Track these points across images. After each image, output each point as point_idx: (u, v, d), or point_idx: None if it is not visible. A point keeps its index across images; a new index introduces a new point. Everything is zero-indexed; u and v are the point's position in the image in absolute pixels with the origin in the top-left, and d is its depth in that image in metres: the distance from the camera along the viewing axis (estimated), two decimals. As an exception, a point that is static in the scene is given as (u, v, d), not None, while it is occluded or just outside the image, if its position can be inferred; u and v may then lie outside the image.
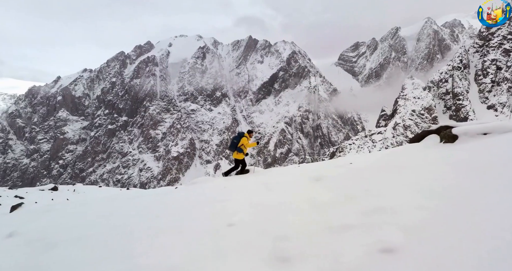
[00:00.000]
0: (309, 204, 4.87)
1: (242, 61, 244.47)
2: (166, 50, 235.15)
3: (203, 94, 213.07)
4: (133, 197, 8.80)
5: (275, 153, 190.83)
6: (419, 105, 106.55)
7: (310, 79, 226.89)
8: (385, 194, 4.71)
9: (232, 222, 4.63)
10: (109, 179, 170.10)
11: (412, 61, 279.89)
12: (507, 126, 7.79)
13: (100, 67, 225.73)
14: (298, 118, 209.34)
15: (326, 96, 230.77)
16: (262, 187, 7.06)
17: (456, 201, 3.93)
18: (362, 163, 8.30)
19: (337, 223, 3.90)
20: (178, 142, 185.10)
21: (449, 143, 8.45)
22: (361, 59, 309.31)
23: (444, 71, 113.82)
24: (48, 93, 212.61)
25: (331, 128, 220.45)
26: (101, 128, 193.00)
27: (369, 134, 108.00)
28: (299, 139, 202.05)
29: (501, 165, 4.96)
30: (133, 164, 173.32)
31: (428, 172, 5.54)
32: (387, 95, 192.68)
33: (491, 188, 4.11)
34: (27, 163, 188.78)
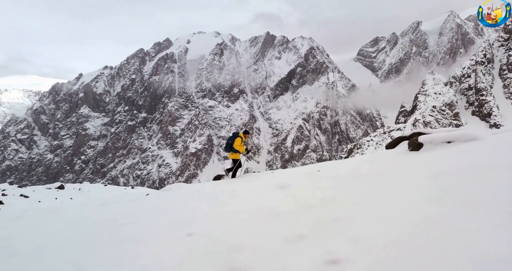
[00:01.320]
0: (270, 213, 4.93)
1: (259, 57, 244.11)
2: (184, 47, 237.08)
3: (221, 91, 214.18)
4: (106, 203, 8.91)
5: (293, 149, 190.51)
6: (440, 101, 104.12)
7: (328, 75, 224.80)
8: (343, 203, 4.83)
9: (192, 232, 4.68)
10: (129, 175, 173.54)
11: (434, 56, 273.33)
12: (471, 134, 7.92)
13: (120, 64, 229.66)
14: (315, 115, 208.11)
15: (344, 92, 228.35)
16: (229, 195, 7.20)
17: (406, 211, 3.99)
18: (330, 171, 8.48)
19: (292, 233, 3.95)
20: (196, 138, 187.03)
21: (415, 151, 8.62)
22: (381, 54, 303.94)
23: (467, 65, 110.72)
24: (71, 90, 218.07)
25: (350, 124, 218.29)
26: (121, 124, 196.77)
27: (388, 131, 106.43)
28: (317, 135, 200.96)
29: (455, 174, 5.12)
30: (152, 160, 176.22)
31: (388, 181, 5.69)
32: (407, 91, 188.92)
33: (443, 198, 4.21)
34: (51, 159, 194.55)
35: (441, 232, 3.27)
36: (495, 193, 3.97)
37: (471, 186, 4.36)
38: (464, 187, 4.41)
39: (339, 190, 5.66)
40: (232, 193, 7.30)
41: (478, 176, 4.68)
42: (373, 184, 5.65)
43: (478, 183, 4.43)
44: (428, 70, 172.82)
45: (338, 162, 11.36)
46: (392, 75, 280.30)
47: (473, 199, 3.94)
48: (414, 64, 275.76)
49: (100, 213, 7.48)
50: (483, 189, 4.19)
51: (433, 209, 3.86)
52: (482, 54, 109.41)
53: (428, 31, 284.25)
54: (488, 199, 3.84)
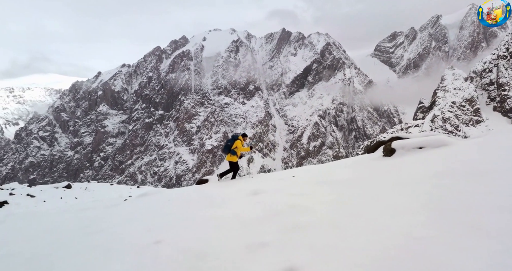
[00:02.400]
0: (238, 220, 5.01)
1: (275, 54, 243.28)
2: (200, 44, 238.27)
3: (236, 88, 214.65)
4: (84, 209, 9.09)
5: (309, 146, 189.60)
6: (459, 97, 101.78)
7: (345, 71, 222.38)
8: (309, 211, 4.91)
9: (160, 239, 4.73)
10: (147, 172, 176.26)
11: (454, 50, 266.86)
12: (441, 140, 8.06)
13: (137, 62, 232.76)
14: (332, 111, 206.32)
15: (361, 88, 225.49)
16: (203, 201, 7.32)
17: (369, 218, 4.04)
18: (304, 176, 8.59)
19: (256, 240, 4.01)
20: (212, 135, 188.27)
21: (388, 157, 8.81)
22: (399, 50, 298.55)
23: (488, 60, 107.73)
24: (90, 88, 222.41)
25: (366, 121, 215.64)
26: (138, 121, 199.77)
27: (406, 127, 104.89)
28: (333, 132, 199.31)
29: (418, 180, 5.27)
30: (169, 157, 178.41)
31: (355, 188, 5.80)
32: (426, 86, 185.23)
33: (406, 206, 4.28)
34: (71, 156, 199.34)
35: (401, 240, 3.34)
36: (450, 201, 4.09)
37: (429, 193, 4.53)
38: (423, 194, 4.56)
39: (308, 197, 5.75)
40: (206, 199, 7.45)
41: (436, 182, 4.86)
42: (341, 191, 5.77)
43: (436, 189, 4.60)
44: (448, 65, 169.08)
45: (314, 167, 11.50)
46: (410, 71, 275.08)
47: (430, 206, 4.03)
48: (433, 59, 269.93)
49: (76, 219, 7.63)
50: (438, 197, 4.34)
51: (393, 218, 3.92)
52: (504, 48, 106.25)
53: (448, 25, 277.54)
54: (444, 206, 3.96)
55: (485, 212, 3.59)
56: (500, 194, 3.98)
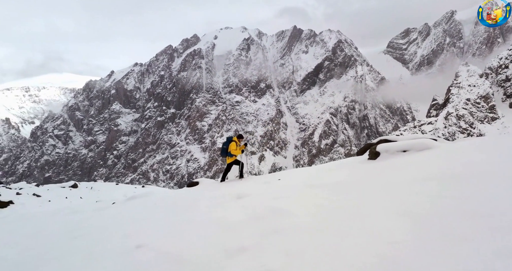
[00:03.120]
0: (219, 224, 5.07)
1: (286, 52, 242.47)
2: (212, 42, 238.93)
3: (248, 86, 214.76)
4: (74, 212, 9.17)
5: (320, 144, 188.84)
6: (474, 94, 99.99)
7: (357, 68, 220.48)
8: (290, 214, 4.94)
9: (141, 243, 4.78)
10: (159, 170, 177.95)
11: (469, 46, 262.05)
12: (424, 143, 8.13)
13: (149, 61, 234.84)
14: (343, 109, 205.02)
15: (373, 85, 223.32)
16: (188, 205, 7.41)
17: (346, 225, 4.07)
18: (289, 180, 8.61)
19: (236, 245, 4.05)
20: (223, 133, 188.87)
21: (372, 160, 8.90)
22: (412, 46, 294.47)
23: (505, 56, 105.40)
24: (103, 87, 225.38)
25: (379, 118, 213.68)
26: (151, 120, 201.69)
27: (419, 125, 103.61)
28: (345, 130, 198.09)
29: (397, 185, 5.36)
30: (181, 155, 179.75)
31: (337, 192, 5.84)
32: (439, 83, 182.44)
33: (385, 212, 4.31)
34: (86, 154, 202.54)
35: (376, 245, 3.38)
36: (425, 206, 4.15)
37: (405, 198, 4.60)
38: (399, 199, 4.64)
39: (290, 201, 5.80)
40: (191, 203, 7.55)
41: (412, 187, 4.95)
42: (322, 195, 5.81)
43: (412, 194, 4.67)
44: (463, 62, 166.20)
45: (300, 170, 11.59)
46: (424, 67, 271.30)
47: (405, 212, 4.09)
48: (447, 55, 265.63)
49: (62, 223, 7.73)
50: (413, 202, 4.40)
51: (370, 223, 3.95)
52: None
53: (463, 21, 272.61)
54: (419, 212, 4.02)
55: (458, 217, 3.63)
56: (474, 199, 4.03)
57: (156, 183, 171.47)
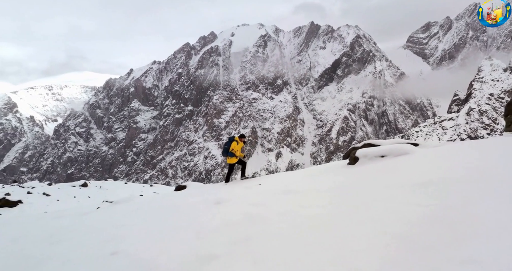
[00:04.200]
0: (194, 231, 5.12)
1: (303, 48, 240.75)
2: (229, 39, 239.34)
3: (265, 83, 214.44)
4: (59, 216, 9.28)
5: (338, 141, 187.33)
6: (498, 88, 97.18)
7: (375, 64, 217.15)
8: (264, 221, 4.99)
9: (117, 250, 4.83)
10: (177, 167, 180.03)
11: (493, 39, 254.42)
12: (402, 149, 8.24)
13: (167, 59, 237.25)
14: (362, 105, 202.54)
15: (392, 81, 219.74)
16: (168, 211, 7.47)
17: (318, 233, 4.09)
18: (269, 185, 8.63)
19: (207, 252, 4.11)
20: (240, 130, 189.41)
21: (351, 165, 9.04)
22: (433, 40, 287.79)
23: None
24: (122, 85, 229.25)
25: (398, 114, 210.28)
26: (169, 117, 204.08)
27: (439, 121, 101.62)
28: (363, 126, 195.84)
29: (366, 191, 5.46)
30: (198, 152, 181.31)
31: (310, 198, 5.91)
32: (461, 78, 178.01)
33: (350, 220, 4.37)
34: (106, 151, 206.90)
35: (343, 255, 3.40)
36: (387, 213, 4.23)
37: (369, 205, 4.68)
38: (365, 205, 4.74)
39: (266, 207, 5.85)
40: (172, 208, 7.66)
41: (384, 196, 5.02)
42: (297, 201, 5.87)
43: (382, 202, 4.73)
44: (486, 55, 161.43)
45: (284, 174, 11.59)
46: (445, 62, 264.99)
47: (368, 218, 4.17)
48: (470, 49, 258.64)
49: (45, 228, 7.83)
50: (375, 209, 4.50)
51: (337, 230, 4.00)
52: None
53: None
54: (379, 218, 4.10)
55: (419, 224, 3.67)
56: (437, 206, 4.05)
57: (175, 180, 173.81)
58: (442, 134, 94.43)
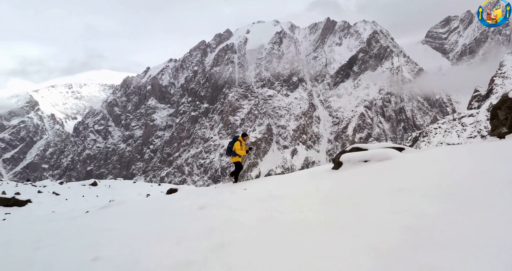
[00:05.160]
0: (175, 236, 5.15)
1: (319, 44, 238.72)
2: (244, 37, 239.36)
3: (280, 80, 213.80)
4: (49, 220, 9.41)
5: (354, 138, 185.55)
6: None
7: (393, 60, 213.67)
8: (242, 227, 5.02)
9: (98, 256, 4.88)
10: (193, 164, 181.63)
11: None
12: (385, 154, 8.26)
13: (183, 57, 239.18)
14: (379, 101, 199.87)
15: (410, 77, 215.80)
16: (153, 215, 7.50)
17: (295, 239, 4.11)
18: (255, 190, 8.62)
19: (185, 258, 4.15)
20: (255, 127, 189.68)
21: (335, 170, 9.11)
22: (453, 35, 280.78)
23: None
24: (139, 83, 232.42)
25: (416, 111, 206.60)
26: (185, 115, 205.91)
27: (458, 117, 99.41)
28: (380, 123, 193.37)
29: (345, 197, 5.55)
30: (214, 149, 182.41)
31: (290, 204, 5.93)
32: (482, 73, 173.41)
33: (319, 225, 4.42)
34: (124, 148, 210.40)
35: (310, 258, 3.49)
36: (355, 219, 4.32)
37: (347, 212, 4.72)
38: (342, 212, 4.80)
39: (247, 213, 5.89)
40: (157, 213, 7.70)
41: (358, 201, 5.11)
42: (277, 207, 5.89)
43: (355, 208, 4.82)
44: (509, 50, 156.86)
45: (271, 178, 11.68)
46: (466, 57, 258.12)
47: (337, 224, 4.27)
48: (491, 43, 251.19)
49: (34, 232, 7.93)
50: (345, 214, 4.60)
51: (318, 238, 4.03)
52: None
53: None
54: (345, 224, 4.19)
55: (391, 231, 3.71)
56: (410, 213, 4.09)
57: (191, 177, 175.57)
58: (462, 131, 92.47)
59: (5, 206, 17.69)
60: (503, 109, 9.34)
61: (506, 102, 9.23)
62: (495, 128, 9.72)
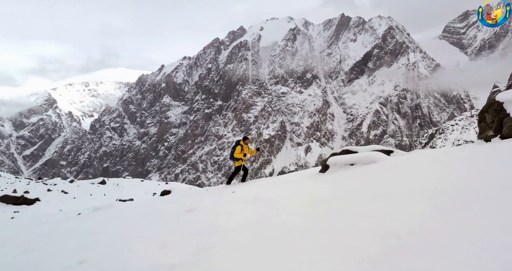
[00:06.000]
0: (160, 240, 5.17)
1: (333, 41, 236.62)
2: (258, 34, 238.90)
3: (294, 77, 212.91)
4: (42, 222, 9.49)
5: (369, 135, 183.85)
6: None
7: (409, 56, 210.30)
8: (225, 231, 5.04)
9: (84, 259, 4.90)
10: (207, 161, 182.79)
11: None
12: (370, 157, 8.39)
13: (197, 54, 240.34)
14: (394, 98, 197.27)
15: (427, 73, 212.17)
16: (141, 218, 7.54)
17: (274, 243, 4.15)
18: (242, 192, 8.61)
19: (167, 262, 4.18)
20: (269, 125, 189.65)
21: (322, 173, 9.21)
22: (471, 30, 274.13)
23: None
24: (154, 81, 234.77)
25: (433, 107, 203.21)
26: (199, 112, 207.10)
27: (476, 114, 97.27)
28: (395, 120, 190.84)
29: (322, 202, 5.63)
30: (228, 147, 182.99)
31: (276, 206, 5.97)
32: (502, 68, 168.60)
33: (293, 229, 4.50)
34: (139, 145, 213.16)
35: (288, 263, 3.52)
36: (331, 224, 4.39)
37: (328, 216, 4.80)
38: (322, 216, 4.89)
39: (231, 216, 5.92)
40: (145, 216, 7.76)
41: (339, 205, 5.19)
42: (261, 210, 5.93)
43: (335, 212, 4.89)
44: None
45: (258, 181, 11.72)
46: (485, 52, 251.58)
47: (310, 228, 4.35)
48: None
49: (25, 235, 7.99)
50: (323, 218, 4.67)
51: (294, 241, 4.09)
52: None
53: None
54: (320, 228, 4.26)
55: (366, 236, 3.72)
56: (387, 217, 4.12)
57: (205, 174, 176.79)
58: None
59: (15, 204, 18.28)
60: (490, 112, 9.37)
61: (493, 105, 9.22)
62: (482, 131, 9.82)
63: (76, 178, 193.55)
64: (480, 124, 10.04)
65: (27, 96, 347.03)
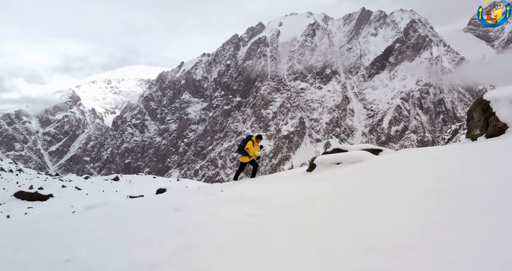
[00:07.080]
0: (144, 239, 5.20)
1: (353, 35, 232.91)
2: (277, 30, 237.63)
3: (313, 72, 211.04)
4: (37, 220, 9.63)
5: (390, 131, 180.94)
6: None
7: (432, 50, 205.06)
8: (209, 231, 5.04)
9: (71, 257, 4.98)
10: (226, 157, 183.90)
11: None
12: (356, 156, 8.38)
13: (216, 51, 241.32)
14: (416, 93, 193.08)
15: (451, 67, 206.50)
16: (132, 217, 7.57)
17: (255, 243, 4.16)
18: (230, 192, 8.59)
19: (149, 261, 4.22)
20: (288, 121, 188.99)
21: (309, 172, 9.16)
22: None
23: None
24: (174, 78, 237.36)
25: (457, 102, 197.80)
26: (218, 108, 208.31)
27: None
28: (417, 115, 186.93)
29: (307, 202, 5.61)
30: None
31: (261, 208, 5.94)
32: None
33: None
34: (159, 141, 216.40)
35: (264, 262, 3.56)
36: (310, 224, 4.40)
37: (306, 216, 4.81)
38: (300, 216, 4.92)
39: (216, 215, 5.92)
40: (135, 215, 7.82)
41: (319, 205, 5.20)
42: (245, 210, 5.94)
43: (313, 212, 4.92)
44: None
45: (246, 181, 11.66)
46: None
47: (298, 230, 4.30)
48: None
49: (19, 232, 8.12)
50: (302, 219, 4.67)
51: (274, 240, 4.12)
52: None
53: None
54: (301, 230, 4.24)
55: (341, 235, 3.76)
56: (361, 218, 4.15)
57: (224, 170, 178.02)
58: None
59: (29, 200, 19.00)
60: (477, 110, 9.23)
61: (480, 103, 9.07)
62: (470, 130, 9.74)
63: (99, 173, 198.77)
64: (469, 123, 9.97)
65: (52, 93, 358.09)
